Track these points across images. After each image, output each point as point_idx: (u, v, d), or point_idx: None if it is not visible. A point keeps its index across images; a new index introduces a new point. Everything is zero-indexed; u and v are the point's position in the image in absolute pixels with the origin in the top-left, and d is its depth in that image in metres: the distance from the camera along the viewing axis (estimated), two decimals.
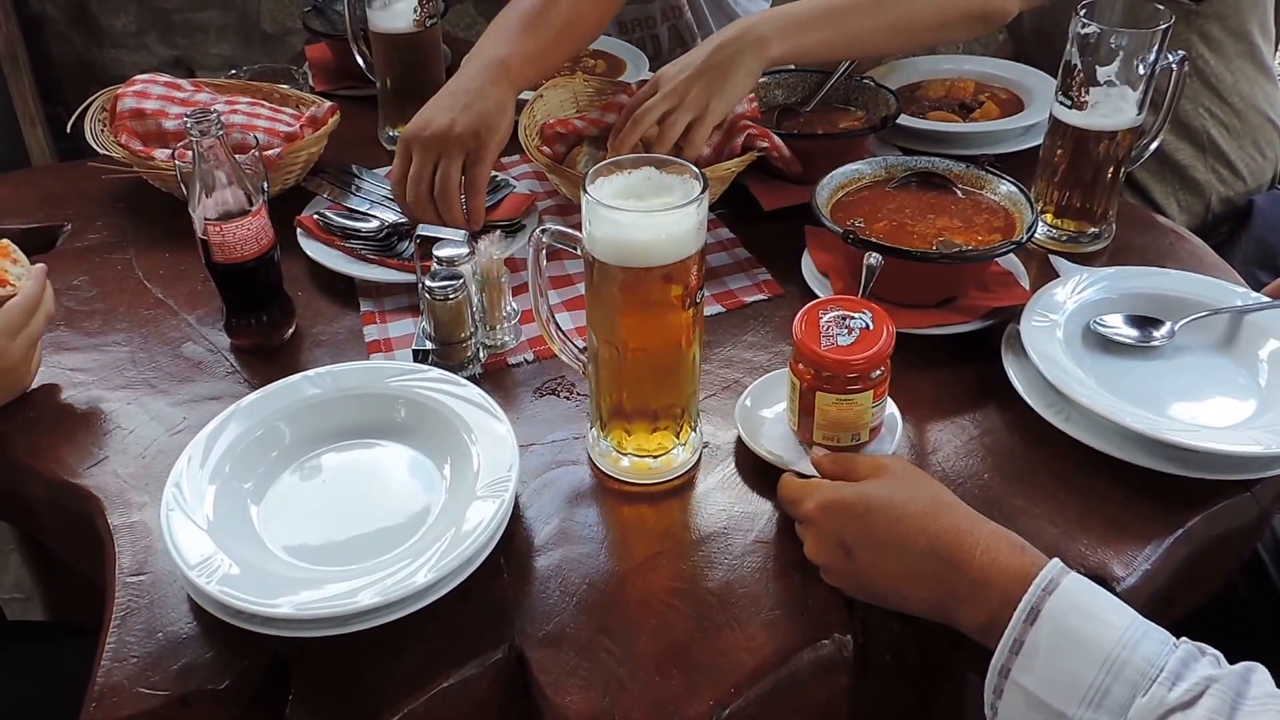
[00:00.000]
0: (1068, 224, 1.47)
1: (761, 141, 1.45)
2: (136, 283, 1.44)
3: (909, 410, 1.19)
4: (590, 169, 1.00)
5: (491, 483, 1.03)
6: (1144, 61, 1.34)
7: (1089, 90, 1.36)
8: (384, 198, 1.54)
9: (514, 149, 1.58)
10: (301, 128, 1.54)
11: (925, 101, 1.76)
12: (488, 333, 1.29)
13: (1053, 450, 1.15)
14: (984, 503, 1.09)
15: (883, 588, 0.96)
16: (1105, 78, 1.35)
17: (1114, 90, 1.36)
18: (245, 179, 1.22)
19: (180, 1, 3.30)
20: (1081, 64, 1.35)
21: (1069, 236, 1.47)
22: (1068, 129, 1.41)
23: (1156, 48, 1.33)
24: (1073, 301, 1.26)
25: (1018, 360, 1.22)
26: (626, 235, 0.97)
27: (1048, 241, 1.48)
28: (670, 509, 1.11)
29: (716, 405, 1.22)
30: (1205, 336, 1.26)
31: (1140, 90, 1.36)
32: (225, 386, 1.26)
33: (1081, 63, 1.35)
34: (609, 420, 1.11)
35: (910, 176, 1.41)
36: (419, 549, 0.97)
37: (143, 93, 1.57)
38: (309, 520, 1.04)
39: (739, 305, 1.38)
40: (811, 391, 1.07)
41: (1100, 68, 1.35)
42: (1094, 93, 1.37)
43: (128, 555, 1.04)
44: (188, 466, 1.04)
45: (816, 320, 1.07)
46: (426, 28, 1.67)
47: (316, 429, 1.12)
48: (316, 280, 1.43)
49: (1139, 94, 1.36)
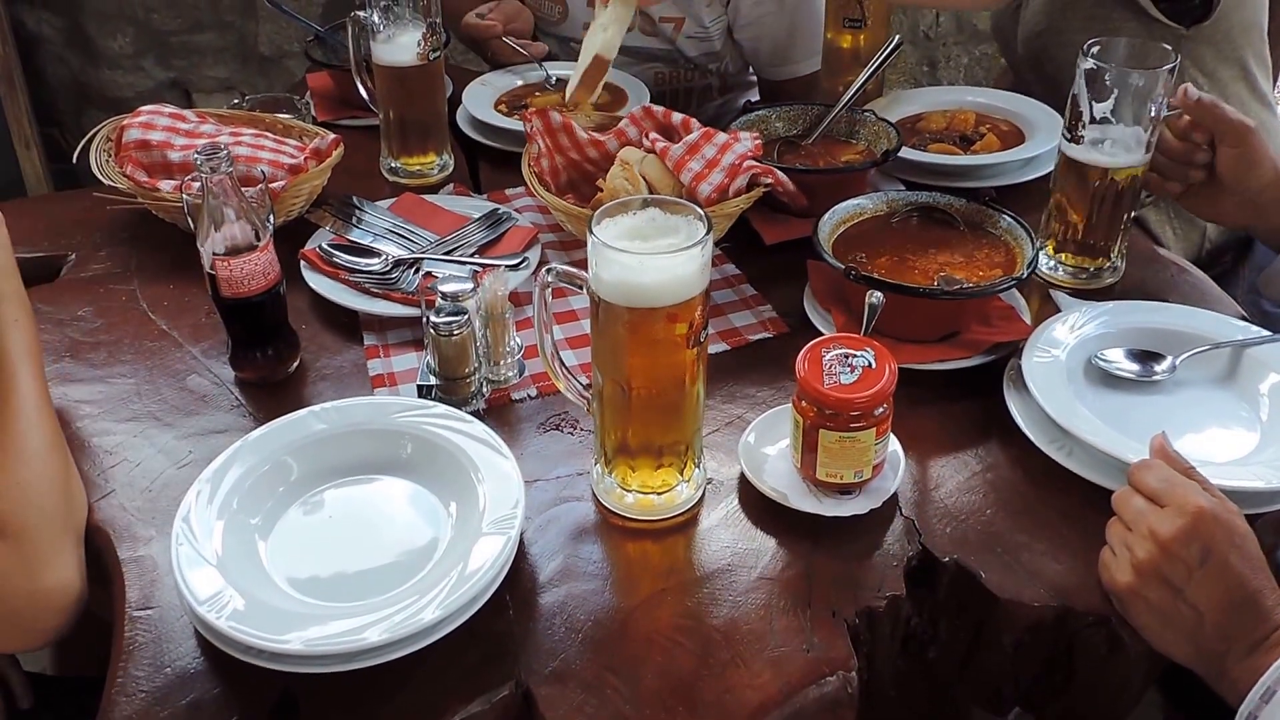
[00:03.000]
0: (1074, 259, 1.47)
1: (765, 178, 1.46)
2: (141, 314, 1.44)
3: (912, 446, 1.20)
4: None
5: (497, 520, 1.03)
6: (1154, 101, 1.34)
7: (1092, 126, 1.37)
8: (386, 230, 1.55)
9: (518, 181, 1.59)
10: (305, 160, 1.55)
11: (927, 134, 1.77)
12: (491, 368, 1.30)
13: (1056, 486, 1.15)
14: (987, 539, 1.10)
15: (1186, 608, 0.97)
16: (1105, 114, 1.36)
17: (1120, 128, 1.37)
18: (252, 213, 1.23)
19: (178, 24, 3.31)
20: (1085, 100, 1.36)
21: (1075, 272, 1.48)
22: (1073, 164, 1.41)
23: (1162, 87, 1.34)
24: (1074, 336, 1.27)
25: (1020, 395, 1.23)
26: (632, 277, 0.98)
27: (1054, 277, 1.48)
28: (674, 545, 1.12)
29: (720, 441, 1.23)
30: (1206, 371, 1.27)
31: (1149, 130, 1.36)
32: (230, 420, 1.26)
33: (1085, 99, 1.36)
34: (613, 457, 1.12)
35: (912, 211, 1.43)
36: (426, 585, 0.98)
37: (148, 124, 1.57)
38: (316, 556, 1.04)
39: (744, 344, 1.39)
40: (815, 429, 1.07)
41: (1100, 104, 1.36)
42: (1100, 129, 1.37)
43: (135, 589, 1.04)
44: (196, 501, 1.04)
45: (819, 358, 1.08)
46: (430, 61, 1.68)
47: (323, 464, 1.12)
48: (320, 313, 1.44)
49: (1148, 134, 1.37)
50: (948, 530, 1.11)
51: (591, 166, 1.60)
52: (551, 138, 1.57)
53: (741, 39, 2.13)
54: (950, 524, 1.12)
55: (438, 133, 1.77)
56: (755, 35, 2.10)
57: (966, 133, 1.75)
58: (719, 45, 2.13)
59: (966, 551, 1.09)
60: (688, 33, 2.09)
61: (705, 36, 2.10)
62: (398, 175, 1.77)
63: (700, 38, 2.10)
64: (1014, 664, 1.09)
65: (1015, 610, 1.04)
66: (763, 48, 2.12)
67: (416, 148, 1.76)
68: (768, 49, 2.12)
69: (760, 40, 2.11)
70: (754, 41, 2.12)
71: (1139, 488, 1.03)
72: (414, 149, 1.76)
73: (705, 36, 2.10)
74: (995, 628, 1.07)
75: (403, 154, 1.76)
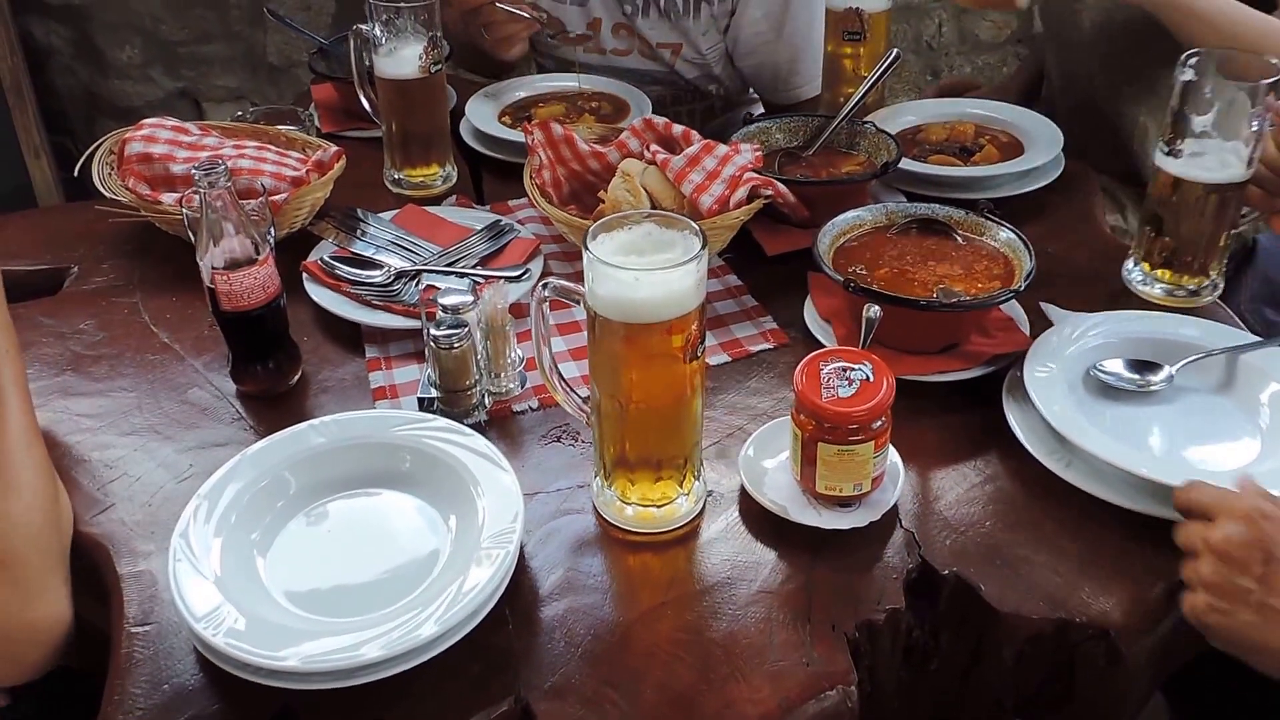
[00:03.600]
0: (1172, 277, 1.44)
1: (766, 190, 1.46)
2: (143, 326, 1.44)
3: (912, 458, 1.20)
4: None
5: (497, 534, 1.03)
6: (1254, 114, 1.31)
7: (1191, 140, 1.34)
8: (389, 242, 1.55)
9: (521, 193, 1.59)
10: (308, 172, 1.55)
11: (927, 144, 1.77)
12: (493, 380, 1.30)
13: (1055, 497, 1.15)
14: (987, 551, 1.10)
15: (1271, 613, 0.95)
16: (1206, 128, 1.33)
17: (1219, 142, 1.34)
18: (252, 227, 1.23)
19: (186, 34, 3.32)
20: (1180, 113, 1.34)
21: (1172, 289, 1.45)
22: (1171, 179, 1.38)
23: (1262, 99, 1.30)
24: (1072, 348, 1.27)
25: (1019, 407, 1.23)
26: (628, 292, 0.98)
27: (1149, 294, 1.45)
28: (675, 558, 1.12)
29: (720, 452, 1.23)
30: (1204, 379, 1.27)
31: (1250, 145, 1.33)
32: (231, 433, 1.26)
33: (1180, 111, 1.34)
34: (612, 470, 1.12)
35: (911, 223, 1.43)
36: (425, 600, 0.98)
37: (150, 136, 1.58)
38: (315, 570, 1.04)
39: (745, 355, 1.39)
40: (813, 442, 1.08)
41: (1199, 118, 1.33)
42: (1199, 143, 1.34)
43: (134, 605, 1.04)
44: (194, 516, 1.05)
45: (817, 372, 1.08)
46: (431, 74, 1.69)
47: (323, 478, 1.12)
48: (322, 325, 1.44)
49: (1249, 148, 1.33)
50: (948, 542, 1.11)
51: (593, 178, 1.60)
52: (553, 149, 1.58)
53: (743, 66, 2.14)
54: (950, 536, 1.12)
55: (440, 144, 1.78)
56: (756, 63, 2.11)
57: (966, 144, 1.75)
58: (717, 70, 2.13)
59: (966, 564, 1.09)
60: (685, 57, 2.10)
61: (702, 62, 2.11)
62: (401, 187, 1.78)
63: (697, 63, 2.11)
64: (1015, 676, 1.09)
65: (1015, 623, 1.04)
66: (764, 74, 2.13)
67: (419, 159, 1.77)
68: (769, 75, 2.12)
69: (761, 67, 2.12)
70: (755, 69, 2.12)
71: (1188, 509, 1.03)
72: (417, 161, 1.77)
73: (702, 62, 2.11)
74: (995, 640, 1.07)
75: (406, 166, 1.77)
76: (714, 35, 2.08)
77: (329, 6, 3.32)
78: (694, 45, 2.08)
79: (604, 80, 2.05)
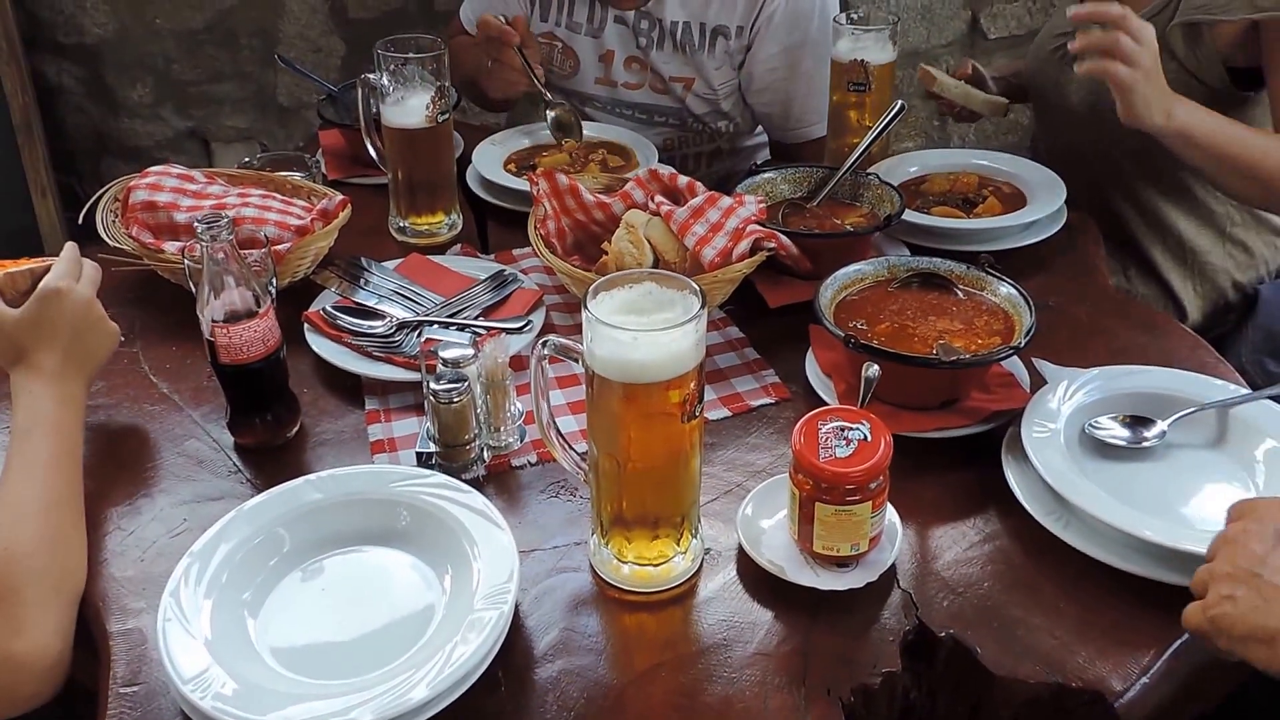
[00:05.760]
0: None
1: (769, 243, 1.47)
2: (142, 377, 1.45)
3: (910, 515, 1.19)
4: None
5: (492, 596, 1.03)
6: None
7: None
8: (392, 291, 1.55)
9: (526, 241, 1.60)
10: (312, 221, 1.55)
11: (930, 196, 1.77)
12: (492, 434, 1.30)
13: (1053, 557, 1.14)
14: (984, 613, 1.09)
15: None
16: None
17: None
18: (253, 279, 1.23)
19: (197, 74, 3.34)
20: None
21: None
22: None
23: None
24: (1067, 406, 1.27)
25: (1018, 465, 1.22)
26: (626, 352, 0.98)
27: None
28: (671, 618, 1.11)
29: (719, 510, 1.22)
30: (1198, 434, 1.27)
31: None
32: (227, 486, 1.26)
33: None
34: (609, 528, 1.11)
35: (912, 277, 1.42)
36: (416, 662, 0.98)
37: (155, 185, 1.59)
38: (307, 630, 1.04)
39: (745, 409, 1.39)
40: (811, 501, 1.07)
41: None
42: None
43: (122, 664, 1.04)
44: (185, 576, 1.04)
45: (815, 431, 1.08)
46: (438, 123, 1.69)
47: (317, 535, 1.12)
48: (324, 376, 1.44)
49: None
50: (945, 604, 1.10)
51: (598, 228, 1.61)
52: (558, 199, 1.58)
53: (756, 103, 2.14)
54: (948, 597, 1.11)
55: (446, 193, 1.78)
56: (769, 100, 2.11)
57: (969, 195, 1.75)
58: (726, 106, 2.14)
59: (963, 626, 1.08)
60: (697, 91, 2.10)
61: (713, 97, 2.11)
62: (406, 234, 1.78)
63: (708, 98, 2.11)
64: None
65: (1011, 687, 1.03)
66: (776, 112, 2.13)
67: (425, 207, 1.78)
68: (780, 113, 2.13)
69: (774, 105, 2.12)
70: (768, 106, 2.13)
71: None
72: (422, 209, 1.77)
73: (713, 97, 2.11)
74: (993, 703, 1.06)
75: (411, 213, 1.78)
76: (727, 70, 2.08)
77: (339, 49, 3.34)
78: (706, 80, 2.09)
79: (611, 128, 2.06)
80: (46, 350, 1.23)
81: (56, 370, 1.23)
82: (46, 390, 1.21)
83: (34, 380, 1.21)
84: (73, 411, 1.23)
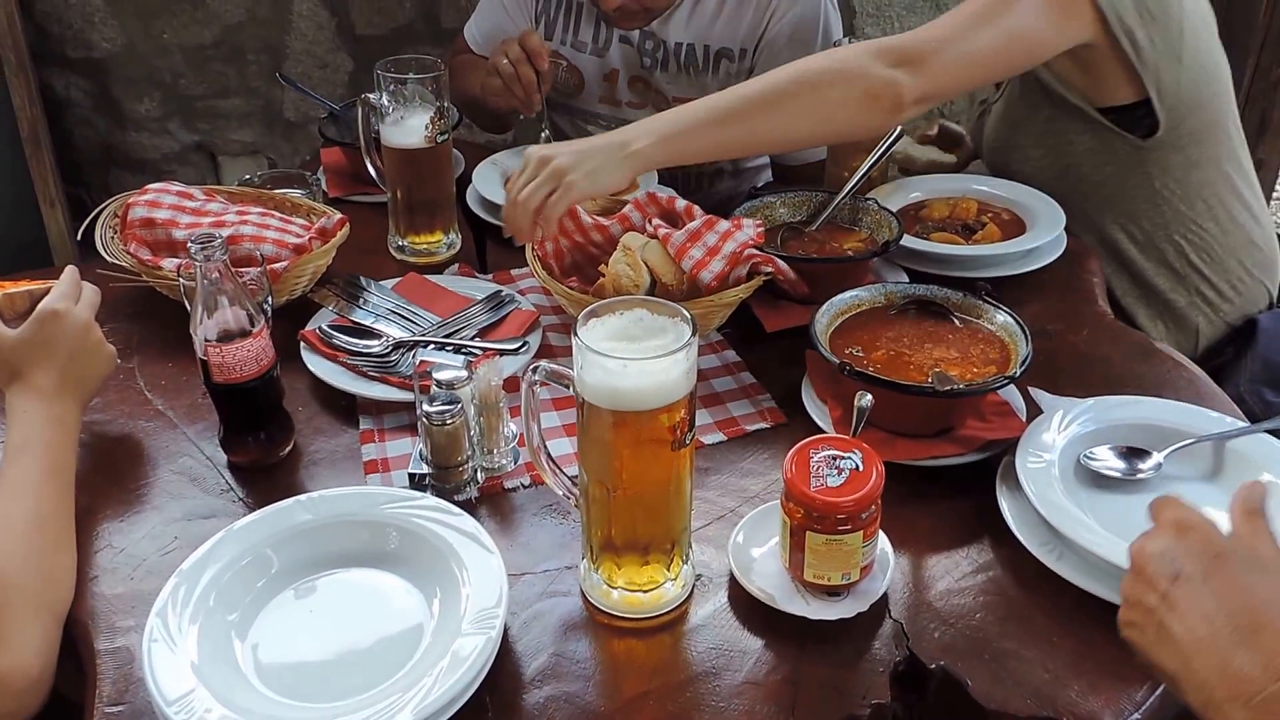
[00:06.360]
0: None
1: (766, 267, 1.46)
2: (138, 393, 1.45)
3: (903, 543, 1.18)
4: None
5: (479, 621, 1.02)
6: None
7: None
8: (389, 311, 1.55)
9: (524, 262, 1.60)
10: (310, 239, 1.56)
11: (929, 222, 1.77)
12: (485, 455, 1.29)
13: (1047, 589, 1.14)
14: (975, 645, 1.08)
15: (1165, 633, 0.90)
16: None
17: None
18: (247, 300, 1.23)
19: (204, 89, 3.36)
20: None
21: None
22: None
23: None
24: (1062, 436, 1.26)
25: (1012, 495, 1.22)
26: (616, 380, 0.98)
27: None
28: (660, 644, 1.10)
29: (712, 535, 1.22)
30: (1195, 466, 1.26)
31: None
32: (219, 504, 1.26)
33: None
34: (599, 553, 1.11)
35: (909, 303, 1.42)
36: (403, 686, 0.97)
37: (154, 202, 1.59)
38: (293, 652, 1.04)
39: (740, 434, 1.38)
40: (801, 530, 1.07)
41: None
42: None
43: (108, 683, 1.03)
44: (172, 595, 1.04)
45: (807, 460, 1.07)
46: (437, 143, 1.70)
47: (306, 555, 1.12)
48: (320, 395, 1.44)
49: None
50: (936, 635, 1.10)
51: (596, 250, 1.60)
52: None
53: None
54: (939, 628, 1.10)
55: (445, 212, 1.78)
56: None
57: (969, 221, 1.75)
58: None
59: (954, 657, 1.07)
60: None
61: None
62: (405, 253, 1.78)
63: None
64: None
65: None
66: None
67: (424, 227, 1.78)
68: None
69: None
70: None
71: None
72: (421, 228, 1.78)
73: None
74: None
75: (410, 232, 1.78)
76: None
77: (346, 65, 3.35)
78: None
79: None
80: (42, 371, 1.23)
81: (52, 391, 1.23)
82: (41, 410, 1.21)
83: (29, 400, 1.22)
84: (66, 432, 1.23)
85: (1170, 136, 1.72)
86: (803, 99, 1.51)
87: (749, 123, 1.51)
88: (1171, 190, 1.77)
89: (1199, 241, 1.82)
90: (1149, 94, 1.66)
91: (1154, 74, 1.65)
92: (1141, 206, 1.79)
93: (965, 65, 1.55)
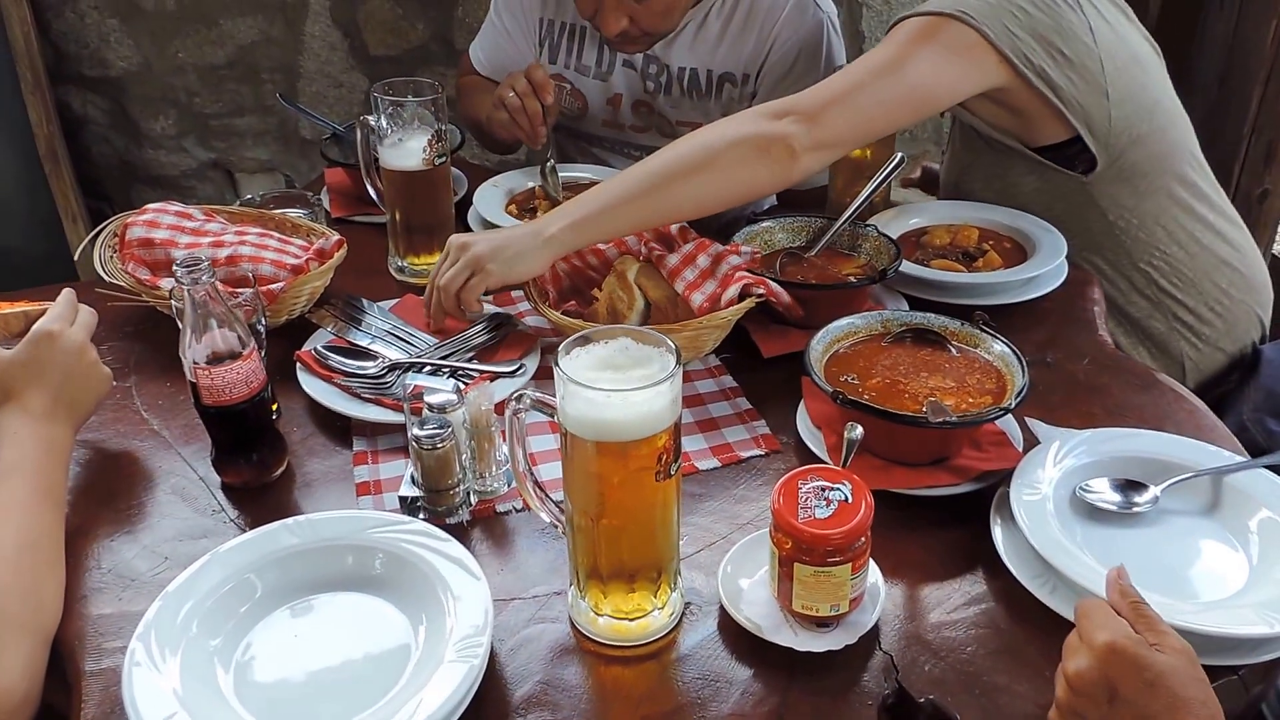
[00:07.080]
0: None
1: (758, 289, 1.46)
2: (134, 413, 1.45)
3: (895, 573, 1.17)
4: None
5: (464, 649, 1.01)
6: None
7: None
8: (386, 332, 1.55)
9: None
10: (308, 260, 1.56)
11: (930, 248, 1.76)
12: (477, 479, 1.29)
13: (1039, 623, 1.12)
14: (966, 679, 1.07)
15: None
16: None
17: None
18: (237, 322, 1.23)
19: (219, 108, 3.38)
20: None
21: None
22: None
23: None
24: (1058, 468, 1.25)
25: (1006, 528, 1.20)
26: (598, 412, 0.97)
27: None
28: (648, 673, 1.09)
29: (703, 561, 1.21)
30: (1192, 500, 1.25)
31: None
32: (210, 525, 1.26)
33: None
34: (586, 580, 1.10)
35: (905, 332, 1.41)
36: (388, 712, 0.97)
37: (153, 222, 1.59)
38: (276, 678, 1.03)
39: (735, 460, 1.38)
40: (790, 561, 1.06)
41: None
42: None
43: (93, 704, 1.03)
44: (156, 619, 1.03)
45: (795, 491, 1.06)
46: (436, 165, 1.70)
47: (292, 579, 1.11)
48: (314, 415, 1.44)
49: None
50: (926, 668, 1.08)
51: (592, 273, 1.61)
52: None
53: None
54: (929, 661, 1.09)
55: (444, 233, 1.77)
56: None
57: (969, 248, 1.74)
58: None
59: (944, 691, 1.06)
60: None
61: None
62: (404, 274, 1.79)
63: None
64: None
65: None
66: None
67: (423, 247, 1.78)
68: None
69: None
70: None
71: (1077, 620, 0.99)
72: (420, 249, 1.78)
73: None
74: None
75: (409, 253, 1.78)
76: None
77: (361, 85, 3.37)
78: None
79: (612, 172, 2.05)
80: (36, 392, 1.24)
81: (44, 412, 1.23)
82: (32, 432, 1.21)
83: (21, 421, 1.22)
84: (57, 454, 1.23)
85: (1111, 171, 1.72)
86: (704, 165, 1.53)
87: (658, 196, 1.53)
88: (1127, 220, 1.77)
89: (1166, 267, 1.81)
90: (1079, 131, 1.67)
91: (1080, 112, 1.66)
92: (1100, 239, 1.79)
93: (862, 114, 1.58)
